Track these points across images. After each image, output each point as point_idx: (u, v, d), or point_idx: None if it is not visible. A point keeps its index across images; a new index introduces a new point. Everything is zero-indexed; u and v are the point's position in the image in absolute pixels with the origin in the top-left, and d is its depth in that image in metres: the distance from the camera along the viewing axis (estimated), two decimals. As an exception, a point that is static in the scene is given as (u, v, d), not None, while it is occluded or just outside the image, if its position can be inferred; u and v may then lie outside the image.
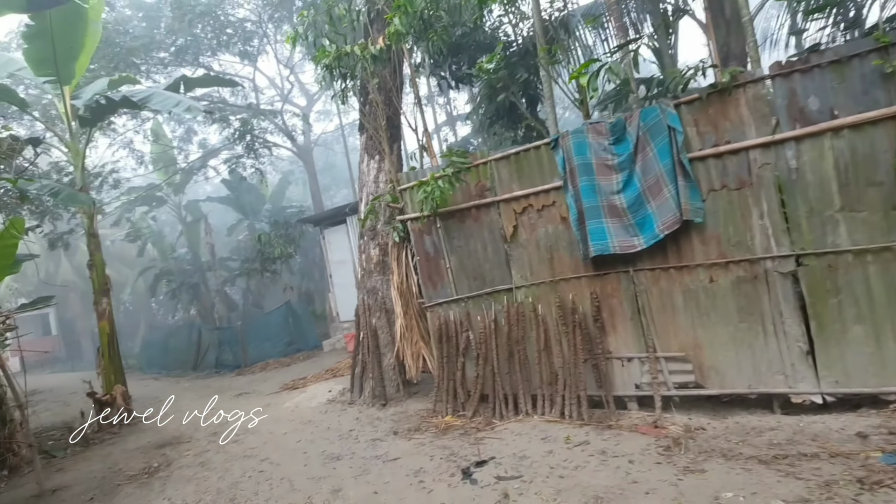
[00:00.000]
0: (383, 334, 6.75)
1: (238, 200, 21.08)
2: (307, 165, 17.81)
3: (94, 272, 8.35)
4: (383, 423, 5.78)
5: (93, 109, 7.83)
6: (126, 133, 16.48)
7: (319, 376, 9.08)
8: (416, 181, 5.71)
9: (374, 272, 6.84)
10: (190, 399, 9.58)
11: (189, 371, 14.08)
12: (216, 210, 28.59)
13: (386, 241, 6.73)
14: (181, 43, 14.05)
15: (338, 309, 13.09)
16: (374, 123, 6.46)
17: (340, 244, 12.81)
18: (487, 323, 5.42)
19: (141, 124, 16.45)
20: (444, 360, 5.72)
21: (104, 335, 8.34)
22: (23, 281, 24.00)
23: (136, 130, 17.07)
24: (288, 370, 11.09)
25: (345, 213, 12.42)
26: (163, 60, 14.86)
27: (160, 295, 23.17)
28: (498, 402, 5.28)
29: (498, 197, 5.34)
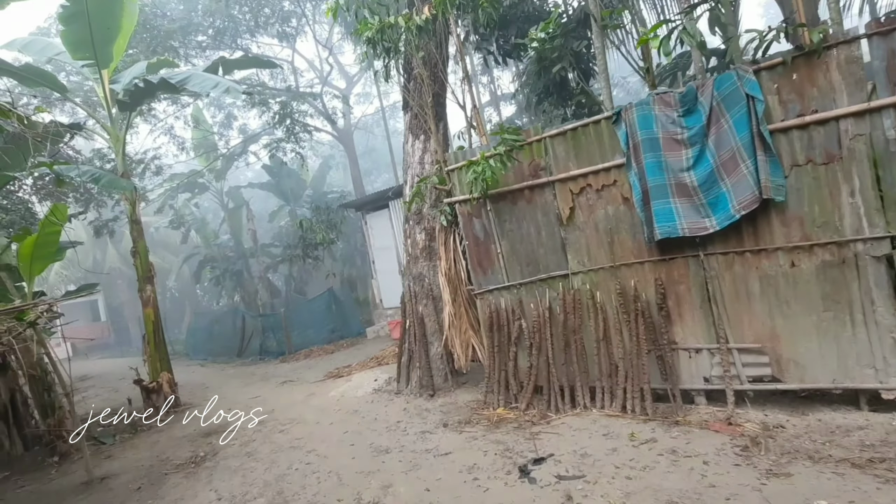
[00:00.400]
0: (430, 322, 6.56)
1: (279, 186, 21.35)
2: (347, 149, 17.75)
3: (138, 259, 8.51)
4: (432, 414, 5.60)
5: (131, 93, 7.87)
6: (167, 119, 16.82)
7: (364, 364, 9.03)
8: (464, 161, 5.43)
9: (421, 258, 6.64)
10: (235, 387, 9.75)
11: (234, 357, 14.41)
12: (258, 196, 29.19)
13: (433, 225, 6.50)
14: (219, 25, 14.11)
15: (381, 295, 13.04)
16: (420, 101, 6.19)
17: (383, 229, 12.71)
18: (541, 311, 5.12)
19: (180, 109, 16.74)
20: (495, 350, 5.47)
21: (149, 322, 8.52)
22: (71, 268, 25.22)
23: (177, 116, 17.40)
24: (331, 358, 11.13)
25: (387, 197, 12.27)
26: (201, 44, 14.99)
27: (204, 282, 23.91)
28: (553, 395, 5.00)
29: (553, 177, 4.99)
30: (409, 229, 6.79)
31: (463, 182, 5.57)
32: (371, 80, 25.47)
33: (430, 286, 6.58)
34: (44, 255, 6.91)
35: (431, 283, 6.58)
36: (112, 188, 7.45)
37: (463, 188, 5.61)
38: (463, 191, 5.62)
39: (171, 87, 7.86)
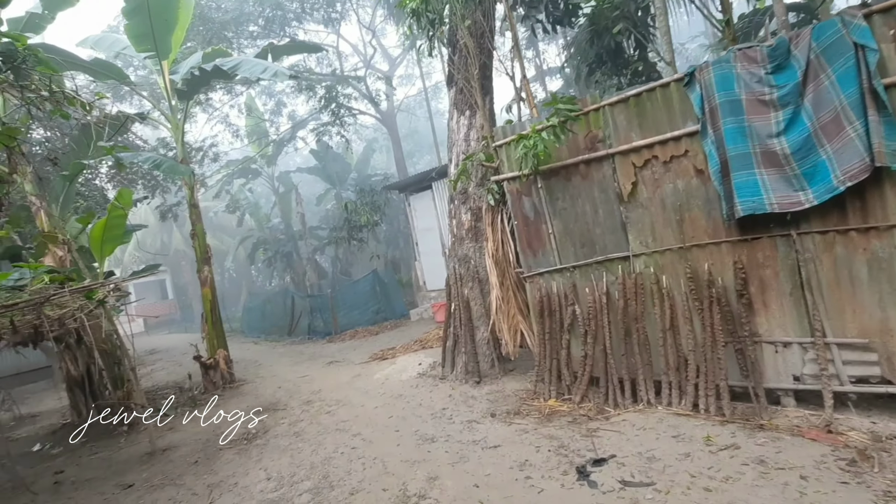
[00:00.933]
0: (476, 306, 6.27)
1: (325, 170, 21.58)
2: (390, 131, 17.59)
3: (196, 241, 8.70)
4: (478, 402, 5.34)
5: (188, 82, 7.95)
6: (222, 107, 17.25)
7: (408, 347, 8.90)
8: (513, 136, 5.02)
9: (466, 239, 6.32)
10: (285, 365, 9.91)
11: (284, 336, 14.78)
12: (306, 180, 29.78)
13: (479, 204, 6.16)
14: (268, 14, 14.20)
15: (424, 277, 12.89)
16: (465, 73, 5.80)
17: (426, 211, 12.48)
18: (598, 296, 4.69)
19: (234, 98, 17.10)
20: (546, 337, 5.11)
21: (207, 301, 8.72)
22: (142, 250, 26.78)
23: (231, 105, 17.80)
24: (376, 339, 11.12)
25: (430, 178, 12.00)
26: (252, 34, 15.18)
27: (258, 263, 24.76)
28: (612, 388, 4.60)
29: (613, 149, 4.50)
30: (454, 209, 6.47)
31: (511, 158, 5.17)
32: (414, 62, 25.08)
33: (476, 268, 6.27)
34: (112, 238, 7.15)
35: (477, 265, 6.27)
36: (172, 173, 7.60)
37: (511, 165, 5.21)
38: (511, 167, 5.22)
39: (224, 74, 7.87)
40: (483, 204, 5.94)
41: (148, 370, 13.19)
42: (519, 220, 5.27)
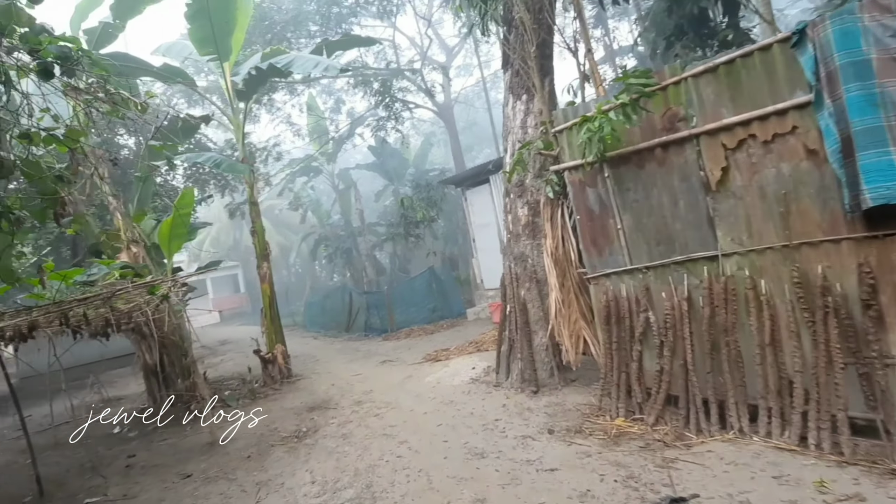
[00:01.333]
0: (534, 309, 5.75)
1: (383, 166, 21.69)
2: (448, 124, 17.25)
3: (256, 238, 8.81)
4: (535, 415, 4.84)
5: (247, 82, 8.04)
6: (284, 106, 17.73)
7: (462, 349, 8.52)
8: (576, 119, 4.45)
9: (523, 235, 5.81)
10: (340, 362, 9.87)
11: (342, 332, 14.92)
12: (366, 177, 30.25)
13: (537, 198, 5.63)
14: (324, 12, 14.33)
15: (481, 275, 12.45)
16: (522, 52, 5.28)
17: (483, 206, 12.02)
18: (677, 302, 4.04)
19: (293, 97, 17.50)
20: (614, 346, 4.51)
21: (266, 297, 8.82)
22: (217, 246, 28.41)
23: (293, 105, 18.28)
24: (431, 338, 10.84)
25: (487, 171, 11.52)
26: (311, 33, 15.42)
27: (320, 259, 25.44)
28: (693, 410, 3.94)
29: (698, 128, 3.82)
30: (509, 203, 5.97)
31: (574, 145, 4.60)
32: (471, 51, 24.58)
33: (534, 268, 5.74)
34: (178, 235, 7.36)
35: (535, 264, 5.74)
36: (231, 171, 7.76)
37: (574, 152, 4.64)
38: (574, 155, 4.65)
39: (278, 71, 7.89)
40: (541, 197, 5.41)
41: (218, 360, 13.79)
42: (582, 214, 4.70)
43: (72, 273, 4.72)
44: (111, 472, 5.32)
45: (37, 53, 3.31)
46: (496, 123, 17.55)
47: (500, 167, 11.51)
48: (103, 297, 4.71)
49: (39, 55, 3.31)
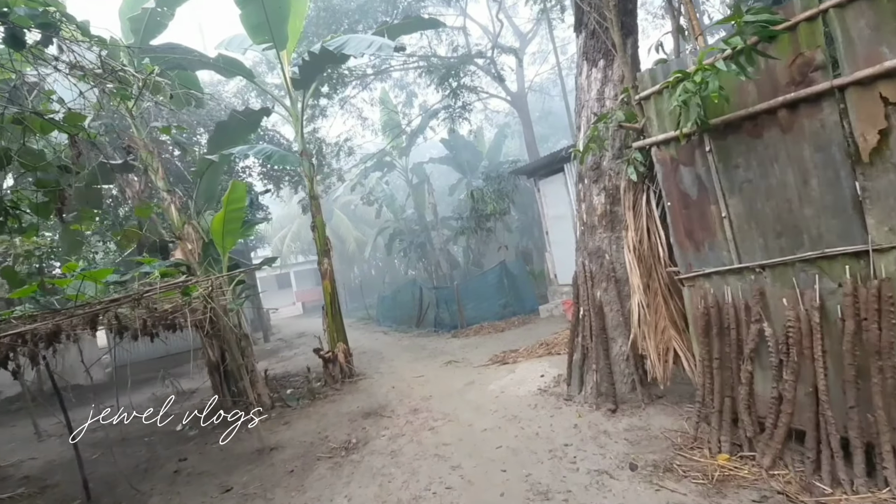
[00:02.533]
0: (612, 313, 4.91)
1: (456, 159, 21.23)
2: (521, 113, 16.35)
3: (316, 233, 8.69)
4: (613, 441, 4.05)
5: (301, 69, 7.84)
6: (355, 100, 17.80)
7: (532, 351, 7.78)
8: (668, 79, 3.57)
9: (599, 227, 4.97)
10: (405, 361, 9.54)
11: (412, 327, 14.70)
12: (440, 171, 30.07)
13: (616, 182, 4.77)
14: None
15: (555, 270, 11.56)
16: (599, 5, 4.44)
17: (557, 196, 11.11)
18: (804, 311, 3.08)
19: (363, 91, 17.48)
20: (714, 364, 3.61)
21: (326, 294, 8.68)
22: (298, 241, 29.70)
23: (365, 100, 18.33)
24: (501, 337, 10.19)
25: (561, 158, 10.60)
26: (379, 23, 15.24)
27: (396, 253, 25.65)
28: (827, 453, 2.97)
29: (844, 78, 2.82)
30: (582, 190, 5.15)
31: (664, 113, 3.72)
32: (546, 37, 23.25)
33: (612, 265, 4.89)
34: (231, 231, 7.34)
35: (614, 260, 4.88)
36: (282, 163, 7.61)
37: (664, 123, 3.76)
38: (664, 127, 3.77)
39: (332, 56, 7.60)
40: (622, 181, 4.56)
41: (292, 353, 14.18)
42: (674, 199, 3.81)
43: (102, 273, 4.67)
44: (159, 478, 5.29)
45: (3, 17, 2.98)
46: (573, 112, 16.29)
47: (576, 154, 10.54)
48: (134, 299, 4.61)
49: (6, 19, 2.99)
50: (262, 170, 15.89)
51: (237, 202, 6.95)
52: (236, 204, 7.02)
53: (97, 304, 4.75)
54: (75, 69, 3.49)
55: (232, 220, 7.05)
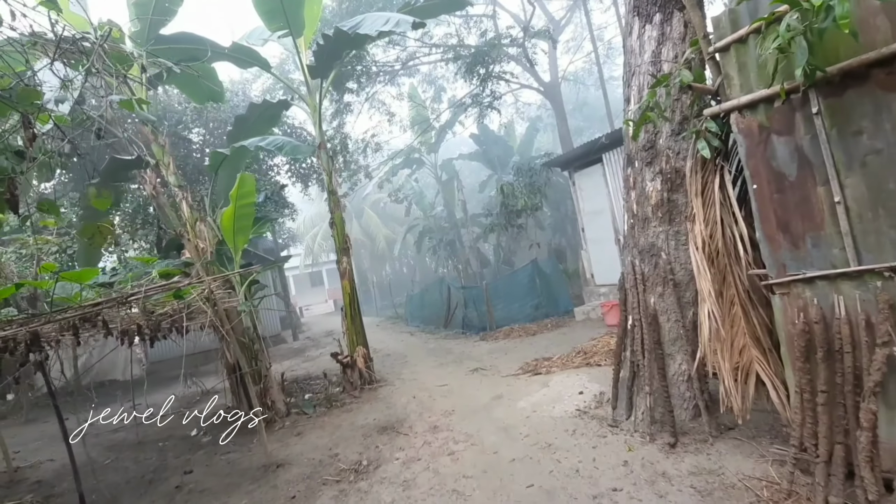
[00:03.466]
0: (670, 323, 4.05)
1: (486, 155, 20.42)
2: (554, 104, 15.36)
3: (335, 230, 8.10)
4: (675, 489, 3.21)
5: (317, 55, 7.24)
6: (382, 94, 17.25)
7: (568, 360, 6.94)
8: (754, 23, 2.70)
9: (653, 220, 4.11)
10: (429, 366, 8.84)
11: (440, 328, 14.04)
12: (469, 168, 29.30)
13: (675, 164, 3.90)
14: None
15: (592, 270, 10.62)
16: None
17: (595, 189, 10.18)
18: (968, 335, 2.17)
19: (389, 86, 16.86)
20: (820, 398, 2.73)
21: (345, 295, 8.09)
22: (329, 239, 29.49)
23: (392, 95, 17.76)
24: (532, 341, 9.36)
25: (600, 147, 9.67)
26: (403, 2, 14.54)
27: (426, 251, 25.06)
28: None
29: None
30: (633, 175, 4.29)
31: (749, 67, 2.86)
32: (580, 24, 22.04)
33: (671, 265, 4.02)
34: (243, 229, 6.84)
35: (672, 259, 4.02)
36: (294, 154, 7.05)
37: (748, 80, 2.89)
38: (748, 85, 2.90)
39: (346, 36, 6.96)
40: (685, 161, 3.69)
41: (318, 353, 13.74)
42: (762, 181, 2.93)
43: (86, 274, 4.15)
44: (160, 494, 4.82)
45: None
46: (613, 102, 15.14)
47: (617, 142, 9.57)
48: (118, 302, 4.07)
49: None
50: (290, 167, 15.52)
51: (247, 197, 6.42)
52: (246, 199, 6.50)
53: (75, 309, 4.26)
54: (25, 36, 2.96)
55: (242, 216, 6.53)
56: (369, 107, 16.51)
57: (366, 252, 31.26)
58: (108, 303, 4.27)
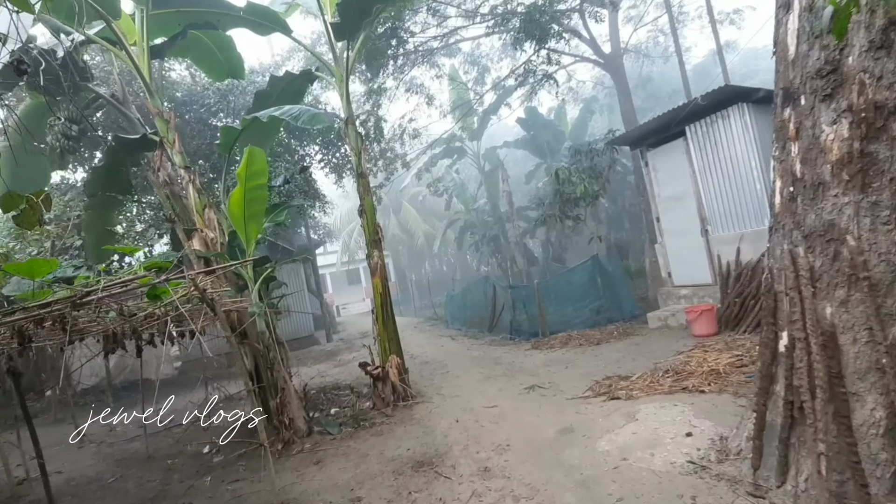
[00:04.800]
0: (859, 346, 2.59)
1: (534, 141, 18.87)
2: (616, 78, 13.55)
3: (365, 219, 6.95)
4: None
5: (341, 11, 6.08)
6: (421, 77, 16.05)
7: (654, 381, 5.46)
8: None
9: (834, 184, 2.64)
10: (474, 379, 7.55)
11: (484, 331, 12.71)
12: (515, 159, 27.74)
13: (875, 96, 2.43)
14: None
15: (669, 267, 9.00)
16: None
17: (675, 170, 8.57)
18: None
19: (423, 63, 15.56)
20: None
21: (377, 294, 6.92)
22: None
23: (432, 77, 16.53)
24: (597, 351, 7.90)
25: (682, 119, 8.07)
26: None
27: (467, 247, 23.74)
28: None
29: None
30: (794, 120, 2.82)
31: None
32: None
33: (863, 255, 2.55)
34: (256, 215, 5.78)
35: (866, 247, 2.55)
36: (312, 124, 5.91)
37: None
38: None
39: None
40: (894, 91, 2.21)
41: (351, 357, 12.72)
42: None
43: (41, 266, 3.11)
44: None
45: None
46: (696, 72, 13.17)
47: (698, 114, 7.95)
48: (72, 303, 3.01)
49: None
50: (323, 157, 14.57)
51: (258, 176, 5.31)
52: (257, 179, 5.40)
53: (25, 310, 3.26)
54: None
55: (254, 199, 5.45)
56: (405, 90, 15.30)
57: (404, 249, 30.29)
58: (60, 303, 3.24)
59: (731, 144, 7.77)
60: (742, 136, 7.61)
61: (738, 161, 7.68)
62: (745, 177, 7.63)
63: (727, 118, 7.80)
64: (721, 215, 8.02)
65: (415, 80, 16.39)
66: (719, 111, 7.89)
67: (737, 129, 7.67)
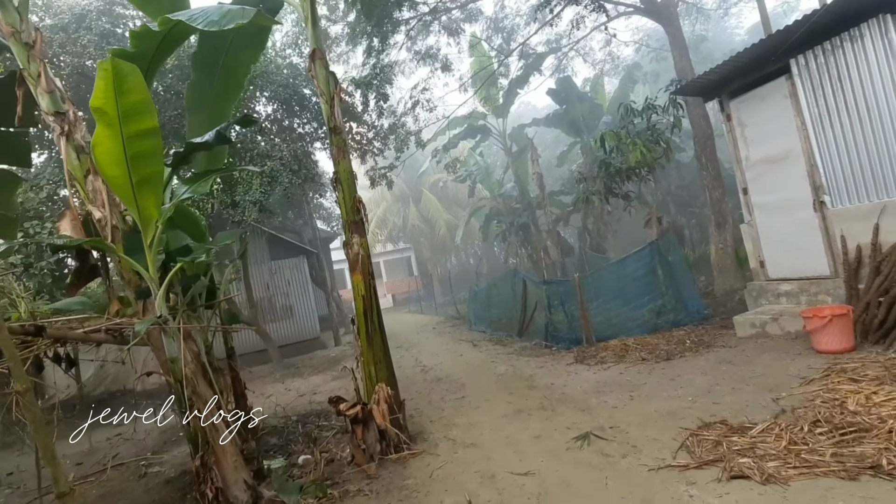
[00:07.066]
0: None
1: (567, 115, 16.50)
2: (671, 30, 11.06)
3: (340, 190, 4.93)
4: None
5: None
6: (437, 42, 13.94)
7: (796, 440, 3.27)
8: None
9: None
10: (499, 412, 5.44)
11: (513, 335, 10.59)
12: (545, 140, 25.29)
13: None
14: None
15: (762, 255, 6.67)
16: None
17: (772, 122, 6.24)
18: None
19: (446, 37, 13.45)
20: None
21: (357, 297, 4.92)
22: (384, 226, 26.85)
23: (450, 44, 14.40)
24: (671, 371, 5.69)
25: (784, 53, 5.74)
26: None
27: (494, 237, 21.57)
28: None
29: None
30: None
31: None
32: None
33: None
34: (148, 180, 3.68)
35: None
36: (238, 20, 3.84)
37: None
38: None
39: None
40: None
41: (353, 365, 10.82)
42: None
43: None
44: None
45: None
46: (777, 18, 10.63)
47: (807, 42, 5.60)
48: None
49: None
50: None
51: (140, 114, 3.18)
52: (140, 119, 3.18)
53: None
54: None
55: (142, 154, 3.34)
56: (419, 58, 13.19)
57: (425, 241, 28.27)
58: None
59: (866, 78, 5.44)
60: (884, 64, 5.27)
61: (877, 101, 5.36)
62: (887, 123, 5.30)
63: (858, 40, 5.45)
64: (846, 181, 5.68)
65: (430, 49, 14.33)
66: (845, 31, 5.54)
67: (874, 55, 5.35)
